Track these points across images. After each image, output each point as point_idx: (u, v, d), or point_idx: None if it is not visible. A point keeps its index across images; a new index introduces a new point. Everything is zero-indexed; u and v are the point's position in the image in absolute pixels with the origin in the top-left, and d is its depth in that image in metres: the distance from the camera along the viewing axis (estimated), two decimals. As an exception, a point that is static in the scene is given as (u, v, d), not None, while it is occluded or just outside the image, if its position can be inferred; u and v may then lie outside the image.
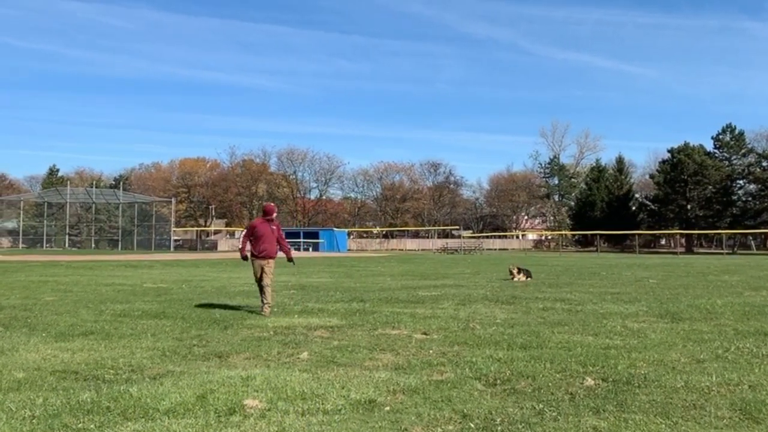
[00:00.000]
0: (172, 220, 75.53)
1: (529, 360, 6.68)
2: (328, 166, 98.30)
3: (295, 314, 10.87)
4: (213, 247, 77.21)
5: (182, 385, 5.62)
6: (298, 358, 6.98)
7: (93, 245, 75.85)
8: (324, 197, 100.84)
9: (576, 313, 11.31)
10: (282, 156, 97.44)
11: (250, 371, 6.17)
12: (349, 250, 74.18)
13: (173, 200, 79.22)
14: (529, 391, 5.49)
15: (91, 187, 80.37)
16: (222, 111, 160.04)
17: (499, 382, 5.78)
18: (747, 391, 5.35)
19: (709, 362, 6.59)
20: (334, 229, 77.17)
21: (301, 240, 71.33)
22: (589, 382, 5.73)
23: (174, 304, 12.62)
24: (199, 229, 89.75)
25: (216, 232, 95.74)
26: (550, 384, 5.68)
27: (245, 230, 11.98)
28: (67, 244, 73.76)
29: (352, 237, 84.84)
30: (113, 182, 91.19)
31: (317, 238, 72.18)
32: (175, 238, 79.03)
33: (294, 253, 13.33)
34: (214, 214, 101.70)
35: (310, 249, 69.22)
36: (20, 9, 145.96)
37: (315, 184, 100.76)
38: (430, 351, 7.35)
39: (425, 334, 8.69)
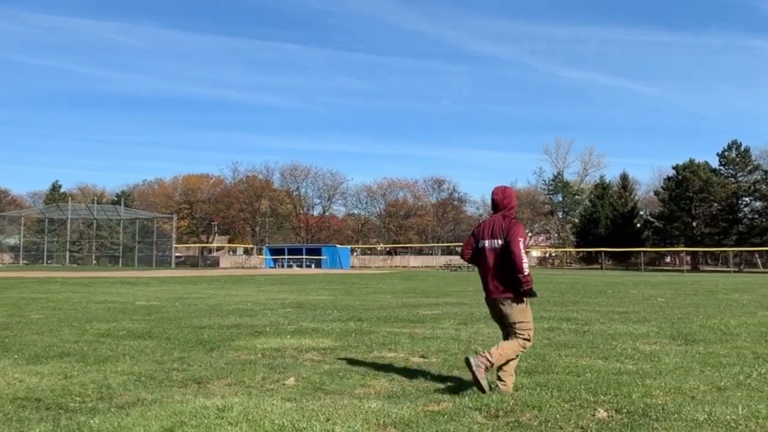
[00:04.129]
0: (174, 236, 75.08)
1: (534, 387, 6.12)
2: (332, 183, 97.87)
3: (287, 334, 10.32)
4: (215, 263, 76.77)
5: (150, 416, 5.07)
6: (284, 384, 6.43)
7: (94, 261, 75.49)
8: (327, 214, 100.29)
9: (583, 333, 10.75)
10: (285, 172, 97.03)
11: (228, 400, 5.62)
12: (352, 266, 73.55)
13: (175, 216, 78.81)
14: (535, 424, 4.93)
15: (93, 203, 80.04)
16: (227, 127, 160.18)
17: (501, 413, 5.22)
18: (780, 426, 4.79)
19: (732, 390, 6.02)
20: (337, 245, 76.57)
21: (304, 257, 70.77)
22: (602, 413, 5.17)
23: (162, 323, 12.09)
24: (202, 245, 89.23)
25: (218, 249, 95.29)
26: (558, 416, 5.12)
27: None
28: (68, 261, 73.34)
29: (355, 254, 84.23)
30: (115, 198, 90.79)
31: (320, 255, 71.59)
32: (177, 254, 78.63)
33: (296, 270, 12.68)
34: (216, 230, 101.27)
35: (313, 266, 68.62)
36: (31, 26, 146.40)
37: (318, 201, 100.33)
38: (428, 376, 6.80)
39: (423, 357, 8.15)
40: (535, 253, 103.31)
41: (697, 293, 23.20)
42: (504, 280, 6.02)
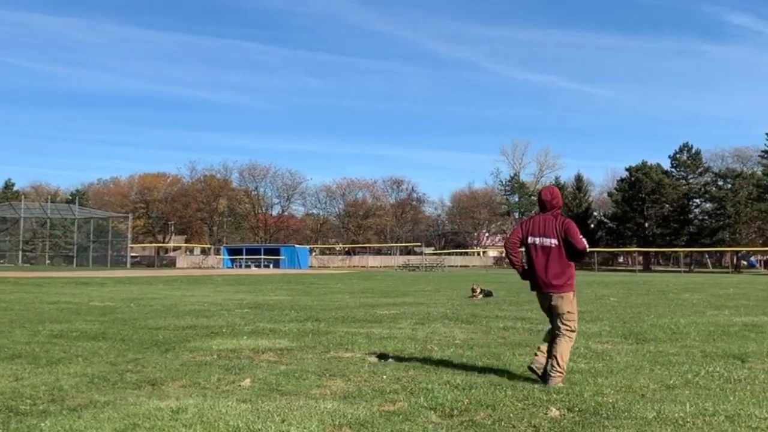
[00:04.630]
0: (130, 236, 73.97)
1: (488, 387, 6.20)
2: (291, 182, 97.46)
3: (243, 335, 10.27)
4: (171, 263, 75.89)
5: (102, 419, 5.02)
6: (240, 385, 6.40)
7: (47, 261, 73.95)
8: (286, 213, 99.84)
9: (537, 333, 10.87)
10: (244, 171, 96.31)
11: (182, 402, 5.59)
12: (310, 266, 73.33)
13: (130, 216, 77.63)
14: (489, 423, 4.99)
15: (47, 202, 78.42)
16: (186, 126, 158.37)
17: (456, 413, 5.28)
18: (724, 422, 4.92)
19: (680, 389, 6.17)
20: (296, 245, 76.24)
21: (262, 257, 70.36)
22: (554, 412, 5.26)
23: (117, 324, 11.92)
24: (158, 245, 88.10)
25: (175, 249, 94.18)
26: (511, 415, 5.20)
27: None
28: (20, 260, 71.74)
29: (313, 254, 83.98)
30: (70, 197, 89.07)
31: (278, 255, 71.23)
32: (133, 254, 77.52)
33: (254, 270, 12.59)
34: (173, 230, 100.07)
35: (271, 266, 68.23)
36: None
37: (277, 200, 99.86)
38: (384, 376, 6.83)
39: (380, 357, 8.18)
40: (492, 253, 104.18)
41: (648, 293, 23.66)
42: (556, 275, 6.46)
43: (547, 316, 6.78)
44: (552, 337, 6.54)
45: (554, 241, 6.48)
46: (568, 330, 6.48)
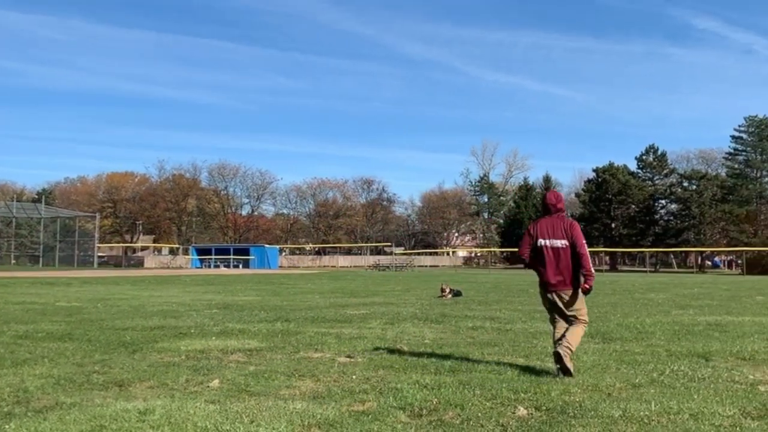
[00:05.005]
0: (97, 235, 73.01)
1: (457, 386, 6.24)
2: (261, 182, 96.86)
3: (212, 336, 10.21)
4: (139, 263, 75.05)
5: (68, 421, 4.96)
6: (208, 386, 6.37)
7: (13, 261, 72.77)
8: (256, 213, 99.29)
9: (506, 332, 10.99)
10: (213, 171, 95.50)
11: (150, 403, 5.55)
12: (280, 266, 73.01)
13: (98, 215, 76.65)
14: (457, 422, 5.03)
15: (12, 200, 77.12)
16: (154, 125, 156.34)
17: (425, 412, 5.31)
18: (688, 420, 5.01)
19: (646, 387, 6.26)
20: (266, 245, 75.86)
21: (231, 257, 69.89)
22: (522, 411, 5.32)
23: (83, 324, 11.78)
24: (125, 245, 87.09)
25: (143, 249, 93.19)
26: (479, 414, 5.24)
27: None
28: (-15, 260, 70.51)
29: (283, 254, 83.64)
30: (36, 196, 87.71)
31: (248, 255, 70.80)
32: (100, 254, 76.57)
33: (223, 270, 12.48)
34: (141, 229, 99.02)
35: (240, 266, 67.83)
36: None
37: (247, 200, 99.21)
38: (353, 377, 6.84)
39: (350, 357, 8.18)
40: (461, 253, 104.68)
41: (614, 293, 23.95)
42: (568, 273, 6.90)
43: (551, 313, 7.13)
44: (566, 328, 6.91)
45: (564, 242, 6.93)
46: (584, 321, 7.02)
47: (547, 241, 6.98)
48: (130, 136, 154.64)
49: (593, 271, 6.97)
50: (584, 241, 6.95)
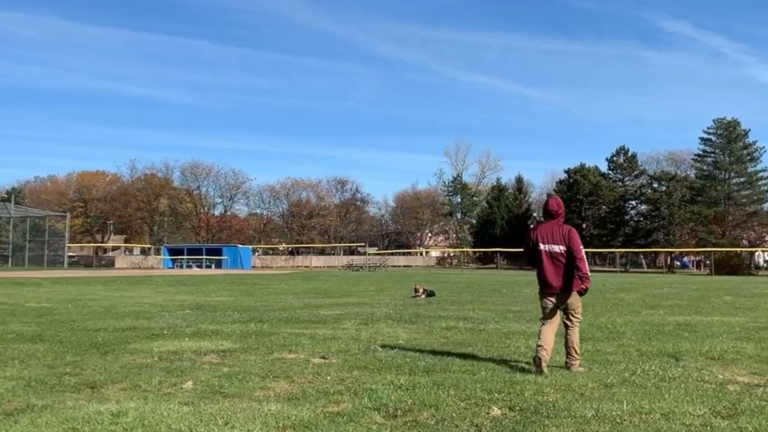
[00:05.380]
0: (67, 235, 72.12)
1: (432, 386, 6.27)
2: (234, 182, 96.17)
3: (185, 337, 10.14)
4: (110, 263, 74.27)
5: (40, 423, 4.91)
6: (181, 388, 6.33)
7: (-20, 261, 71.61)
8: (229, 213, 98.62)
9: (479, 332, 11.07)
10: (186, 170, 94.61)
11: (123, 405, 5.50)
12: (253, 267, 72.63)
13: (68, 215, 75.70)
14: (432, 423, 5.05)
15: (-20, 200, 75.90)
16: (126, 123, 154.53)
17: (399, 413, 5.33)
18: (660, 420, 5.08)
19: (618, 387, 6.34)
20: (239, 245, 75.44)
21: (204, 257, 69.41)
22: (496, 411, 5.36)
23: (54, 325, 11.65)
24: (96, 245, 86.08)
25: (114, 249, 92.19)
26: (454, 414, 5.27)
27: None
28: (-48, 260, 69.31)
29: (257, 254, 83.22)
30: (5, 195, 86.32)
31: (220, 255, 70.36)
32: (70, 254, 75.67)
33: (195, 271, 12.37)
34: (112, 229, 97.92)
35: (213, 266, 67.39)
36: None
37: (220, 200, 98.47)
38: (328, 377, 6.84)
39: (324, 358, 8.18)
40: (434, 253, 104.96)
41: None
42: (567, 276, 7.28)
43: (547, 314, 7.43)
44: (552, 335, 7.31)
45: (562, 248, 7.32)
46: (578, 321, 7.43)
47: (547, 246, 7.39)
48: (101, 134, 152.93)
49: (589, 274, 7.34)
50: (581, 247, 7.32)
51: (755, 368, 7.52)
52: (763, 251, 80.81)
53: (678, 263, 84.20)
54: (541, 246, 7.41)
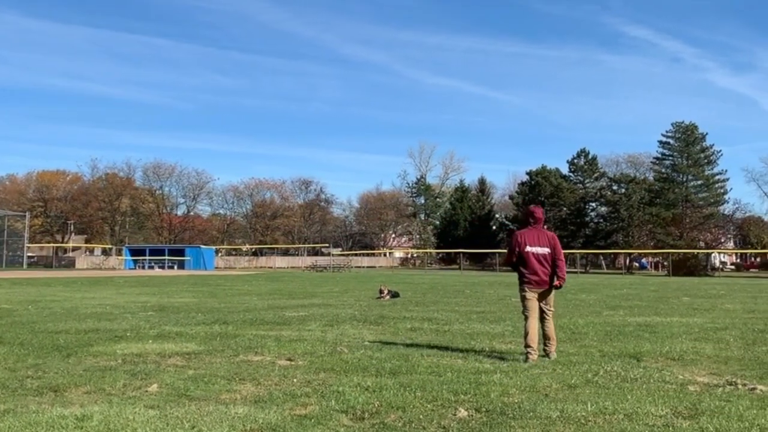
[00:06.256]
0: (26, 235, 70.81)
1: (398, 388, 6.31)
2: (197, 182, 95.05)
3: (149, 339, 10.04)
4: (71, 264, 73.08)
5: (2, 428, 4.84)
6: (146, 391, 6.28)
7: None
8: (192, 213, 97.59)
9: (444, 333, 11.14)
10: (148, 170, 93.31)
11: (87, 409, 5.44)
12: (216, 267, 72.03)
13: (28, 215, 74.33)
14: (400, 425, 5.09)
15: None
16: (88, 122, 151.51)
17: (367, 415, 5.36)
18: (623, 420, 5.18)
19: (581, 388, 6.44)
20: (202, 246, 74.75)
21: (166, 257, 68.65)
22: (462, 413, 5.41)
23: (14, 327, 11.45)
24: (56, 245, 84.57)
25: (74, 249, 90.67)
26: (421, 416, 5.32)
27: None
28: None
29: (220, 254, 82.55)
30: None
31: (183, 256, 69.66)
32: (30, 254, 74.34)
33: (158, 271, 12.24)
34: (72, 229, 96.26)
35: (176, 267, 66.69)
36: None
37: (183, 200, 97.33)
38: (294, 380, 6.84)
39: (290, 360, 8.18)
40: (398, 254, 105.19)
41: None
42: (551, 274, 8.37)
43: (531, 308, 8.33)
44: (540, 327, 8.38)
45: (548, 250, 8.40)
46: (552, 313, 8.57)
47: (534, 249, 8.38)
48: (62, 133, 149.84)
49: (566, 275, 8.59)
50: (561, 250, 8.51)
51: (714, 369, 7.70)
52: (719, 253, 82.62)
53: (636, 264, 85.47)
54: (529, 248, 8.36)
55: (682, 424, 5.09)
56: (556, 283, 8.37)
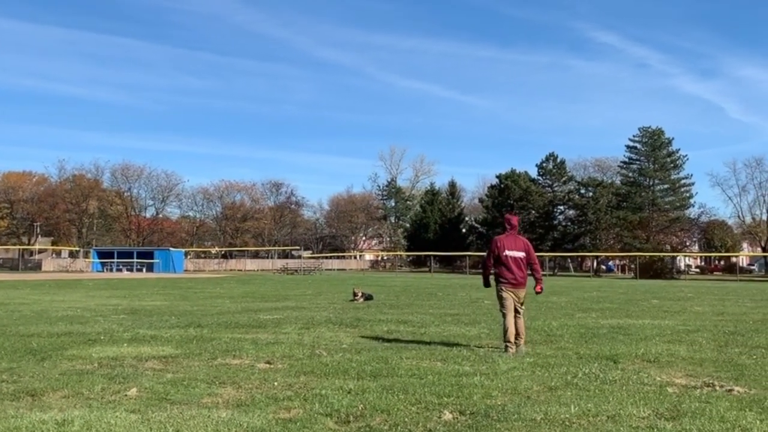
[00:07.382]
0: (-10, 237, 69.53)
1: (381, 391, 6.30)
2: (167, 184, 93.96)
3: (124, 342, 9.92)
4: (37, 266, 71.95)
5: (-18, 435, 4.75)
6: (126, 395, 6.20)
7: None
8: (161, 216, 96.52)
9: (420, 336, 11.16)
10: (116, 172, 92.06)
11: (67, 413, 5.36)
12: (185, 270, 71.37)
13: (-9, 216, 73.00)
14: (386, 428, 5.08)
15: None
16: (55, 123, 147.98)
17: (352, 418, 5.34)
18: (607, 422, 5.23)
19: (562, 390, 6.49)
20: (171, 248, 74.05)
21: (135, 260, 67.90)
22: (447, 416, 5.42)
23: (-18, 332, 11.22)
24: (22, 247, 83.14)
25: (41, 251, 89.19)
26: (406, 419, 5.31)
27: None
28: None
29: (189, 257, 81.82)
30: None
31: (152, 258, 68.95)
32: (-7, 256, 72.92)
33: (126, 274, 12.09)
34: (39, 231, 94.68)
35: (144, 269, 65.96)
36: None
37: (151, 202, 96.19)
38: (275, 383, 6.80)
39: (269, 363, 8.13)
40: (368, 256, 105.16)
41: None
42: (523, 277, 9.33)
43: (508, 306, 9.15)
44: (515, 323, 9.16)
45: (523, 254, 9.37)
46: (524, 310, 9.45)
47: (512, 252, 9.31)
48: (29, 134, 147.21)
49: (542, 276, 9.65)
50: (535, 254, 9.55)
51: (690, 370, 7.80)
52: (684, 256, 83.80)
53: (604, 267, 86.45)
54: (507, 252, 9.29)
55: (666, 426, 5.14)
56: (537, 289, 9.57)
